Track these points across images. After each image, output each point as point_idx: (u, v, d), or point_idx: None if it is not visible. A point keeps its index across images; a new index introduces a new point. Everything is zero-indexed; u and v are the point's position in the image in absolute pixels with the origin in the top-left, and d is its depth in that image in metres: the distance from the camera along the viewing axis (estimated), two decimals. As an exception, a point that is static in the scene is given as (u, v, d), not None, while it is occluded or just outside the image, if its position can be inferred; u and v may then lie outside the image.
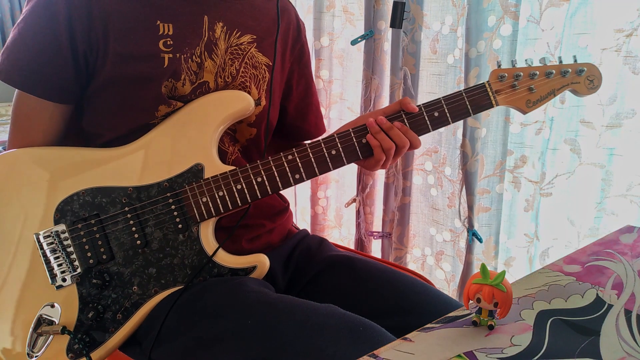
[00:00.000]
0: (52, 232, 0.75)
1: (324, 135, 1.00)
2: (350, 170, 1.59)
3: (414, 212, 1.47)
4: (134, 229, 0.75)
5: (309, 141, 1.01)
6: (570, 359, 0.49)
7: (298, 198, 1.77)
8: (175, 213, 0.76)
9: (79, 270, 0.75)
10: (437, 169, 1.38)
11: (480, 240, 1.27)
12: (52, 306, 0.75)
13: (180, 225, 0.76)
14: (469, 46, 1.17)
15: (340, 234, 1.71)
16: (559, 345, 0.51)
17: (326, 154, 0.79)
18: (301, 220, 1.80)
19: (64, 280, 0.75)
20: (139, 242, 0.75)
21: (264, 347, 0.63)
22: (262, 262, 0.79)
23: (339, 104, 1.58)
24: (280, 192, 0.85)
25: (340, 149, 0.79)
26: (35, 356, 0.74)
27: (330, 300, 0.83)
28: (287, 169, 0.77)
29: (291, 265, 0.90)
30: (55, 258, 0.75)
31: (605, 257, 0.69)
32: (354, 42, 1.44)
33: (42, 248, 0.75)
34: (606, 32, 1.03)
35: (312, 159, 0.78)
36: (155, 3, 0.76)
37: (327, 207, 1.69)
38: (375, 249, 1.59)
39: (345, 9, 1.48)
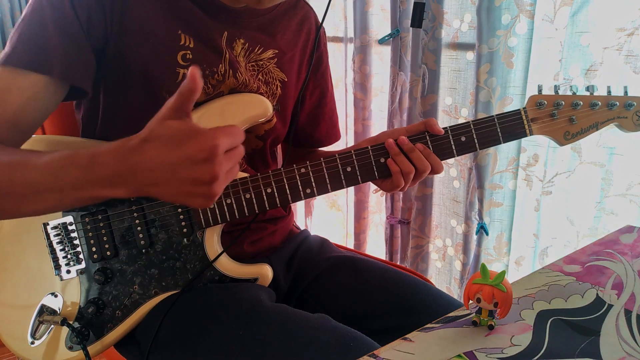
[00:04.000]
0: (59, 223, 0.75)
1: (339, 147, 0.99)
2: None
3: (436, 204, 1.51)
4: (139, 228, 0.75)
5: (325, 149, 1.00)
6: (570, 359, 0.49)
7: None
8: (182, 217, 0.75)
9: (83, 263, 0.75)
10: (460, 161, 1.41)
11: (487, 233, 1.28)
12: (55, 296, 0.76)
13: (185, 229, 0.75)
14: (480, 43, 1.19)
15: (381, 219, 1.75)
16: (559, 345, 0.51)
17: (341, 170, 0.75)
18: (344, 205, 1.86)
19: (68, 272, 0.76)
20: (143, 241, 0.75)
21: (253, 359, 0.64)
22: (264, 274, 0.79)
23: (380, 97, 1.65)
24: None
25: (357, 166, 0.75)
26: (37, 343, 0.75)
27: (332, 301, 0.84)
28: (299, 182, 0.75)
29: (293, 267, 0.90)
30: (61, 249, 0.75)
31: (605, 257, 0.69)
32: (381, 41, 1.52)
33: (48, 238, 0.75)
34: (608, 31, 1.03)
35: (326, 175, 0.74)
36: (178, 13, 0.73)
37: (368, 192, 1.77)
38: (398, 235, 1.65)
39: (382, 8, 1.56)
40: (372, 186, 1.68)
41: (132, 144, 0.54)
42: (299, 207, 2.01)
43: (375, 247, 1.79)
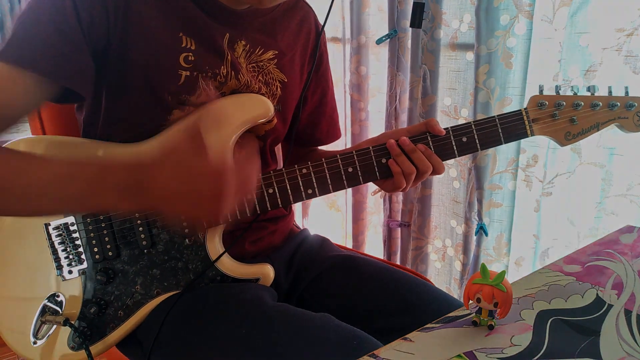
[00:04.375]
0: (61, 224, 0.75)
1: (338, 147, 1.00)
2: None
3: (435, 205, 1.51)
4: (141, 228, 0.75)
5: (325, 147, 1.01)
6: (570, 359, 0.49)
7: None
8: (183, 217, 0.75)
9: (84, 264, 0.76)
10: (459, 161, 1.41)
11: (486, 233, 1.29)
12: (57, 296, 0.76)
13: (187, 230, 0.76)
14: (478, 43, 1.19)
15: (380, 220, 1.76)
16: (559, 345, 0.51)
17: (342, 170, 0.75)
18: (343, 205, 1.87)
19: (69, 272, 0.76)
20: (144, 242, 0.75)
21: (256, 358, 0.64)
22: (265, 274, 0.79)
23: (377, 98, 1.66)
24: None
25: (358, 167, 0.75)
26: (39, 343, 0.76)
27: (332, 300, 0.84)
28: (300, 182, 0.75)
29: (294, 266, 0.90)
30: (63, 250, 0.75)
31: (605, 257, 0.70)
32: (379, 41, 1.52)
33: (50, 239, 0.75)
34: (607, 31, 1.03)
35: (327, 175, 0.75)
36: (179, 14, 0.73)
37: (366, 193, 1.77)
38: (396, 237, 1.66)
39: (380, 8, 1.57)
40: (371, 188, 1.68)
41: (144, 164, 0.59)
42: (297, 207, 2.01)
43: (374, 248, 1.79)
